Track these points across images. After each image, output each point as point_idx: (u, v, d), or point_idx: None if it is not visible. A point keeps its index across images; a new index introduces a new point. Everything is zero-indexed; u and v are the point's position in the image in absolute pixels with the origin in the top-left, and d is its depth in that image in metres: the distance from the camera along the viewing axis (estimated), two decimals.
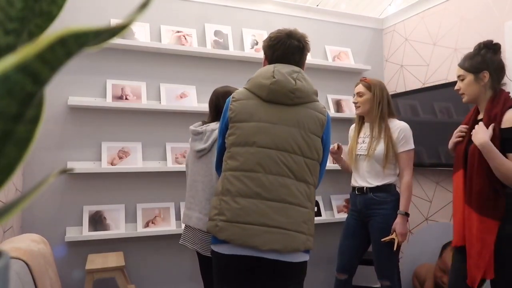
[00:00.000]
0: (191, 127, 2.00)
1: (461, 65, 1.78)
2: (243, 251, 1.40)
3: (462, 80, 1.77)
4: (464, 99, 1.80)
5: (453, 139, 1.84)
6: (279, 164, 1.42)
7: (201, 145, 1.91)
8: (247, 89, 1.53)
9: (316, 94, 1.56)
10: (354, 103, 2.38)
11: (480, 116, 1.76)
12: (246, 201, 1.40)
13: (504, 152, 1.59)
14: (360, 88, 2.34)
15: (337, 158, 2.50)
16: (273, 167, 1.41)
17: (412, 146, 2.24)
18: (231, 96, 1.55)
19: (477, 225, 1.63)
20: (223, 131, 1.55)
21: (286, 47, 1.55)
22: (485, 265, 1.60)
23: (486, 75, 1.70)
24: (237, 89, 1.89)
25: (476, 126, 1.68)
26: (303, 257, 1.46)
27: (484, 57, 1.71)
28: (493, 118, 1.63)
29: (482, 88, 1.72)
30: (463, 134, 1.79)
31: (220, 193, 1.46)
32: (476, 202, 1.64)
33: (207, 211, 1.81)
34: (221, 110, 1.93)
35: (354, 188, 2.36)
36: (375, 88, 2.29)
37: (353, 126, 2.48)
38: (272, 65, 1.52)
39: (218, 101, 1.98)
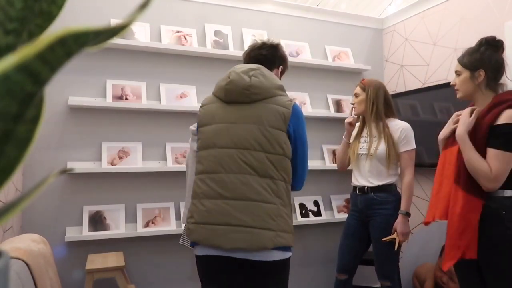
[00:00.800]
0: (191, 127, 2.00)
1: (459, 60, 1.76)
2: (211, 251, 1.42)
3: (459, 75, 1.76)
4: (458, 95, 1.79)
5: (450, 125, 1.80)
6: (239, 162, 1.42)
7: None
8: (212, 93, 1.60)
9: (281, 89, 1.54)
10: (352, 104, 2.42)
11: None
12: (210, 203, 1.42)
13: (487, 146, 1.60)
14: (357, 89, 2.39)
15: (349, 130, 2.45)
16: (234, 166, 1.42)
17: (413, 146, 2.25)
18: (201, 103, 1.62)
19: (462, 203, 1.62)
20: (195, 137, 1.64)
21: (253, 48, 1.66)
22: (466, 244, 1.60)
23: (481, 73, 1.68)
24: None
25: (461, 116, 1.71)
26: (278, 255, 1.41)
27: (483, 55, 1.69)
28: (490, 115, 1.62)
29: (477, 87, 1.70)
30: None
31: (192, 197, 1.53)
32: (464, 179, 1.65)
33: None
34: None
35: (355, 187, 2.37)
36: (368, 89, 2.31)
37: (357, 125, 2.49)
38: (236, 66, 1.57)
39: None
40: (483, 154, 1.61)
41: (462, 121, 1.69)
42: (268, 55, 1.65)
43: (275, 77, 1.57)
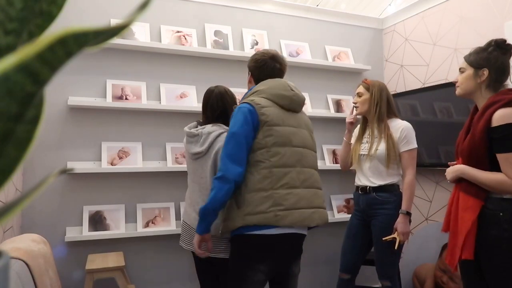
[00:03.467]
0: (186, 129, 2.01)
1: (465, 58, 1.76)
2: (290, 230, 1.66)
3: (462, 72, 1.75)
4: (457, 91, 1.78)
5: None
6: (309, 159, 1.77)
7: (197, 148, 1.92)
8: (265, 98, 1.75)
9: None
10: (354, 103, 2.41)
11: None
12: (296, 191, 1.68)
13: (492, 152, 1.59)
14: (360, 88, 2.38)
15: (349, 129, 2.50)
16: (305, 162, 1.75)
17: (414, 145, 2.24)
18: (254, 104, 1.71)
19: (461, 204, 1.65)
20: (248, 133, 1.68)
21: (271, 69, 1.85)
22: (462, 243, 1.61)
23: (485, 72, 1.67)
24: (227, 88, 2.06)
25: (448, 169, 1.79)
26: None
27: (490, 55, 1.68)
28: (484, 117, 1.62)
29: (478, 85, 1.70)
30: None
31: (269, 188, 1.64)
32: (464, 182, 1.67)
33: None
34: (216, 110, 1.95)
35: (357, 187, 2.37)
36: (373, 89, 2.31)
37: (358, 126, 2.49)
38: (280, 79, 1.84)
39: (213, 101, 1.99)
40: (483, 157, 1.60)
41: (449, 169, 1.78)
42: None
43: None
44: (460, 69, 1.78)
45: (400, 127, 2.25)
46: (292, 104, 1.79)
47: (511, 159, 1.55)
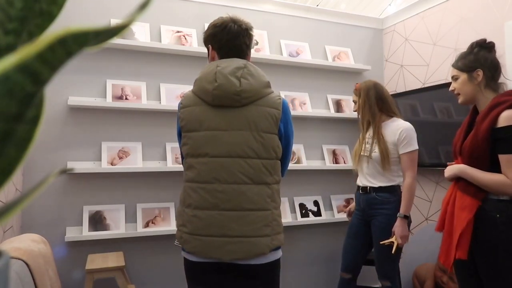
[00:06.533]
0: None
1: (454, 65, 1.76)
2: (207, 259, 1.39)
3: (456, 79, 1.75)
4: (460, 100, 1.77)
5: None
6: (234, 172, 1.37)
7: None
8: (193, 92, 1.47)
9: (268, 86, 1.47)
10: (354, 111, 2.48)
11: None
12: (205, 214, 1.37)
13: (494, 152, 1.58)
14: (354, 97, 2.42)
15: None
16: (228, 176, 1.37)
17: (415, 147, 2.21)
18: (179, 102, 1.49)
19: (458, 204, 1.64)
20: (179, 140, 1.53)
21: (232, 31, 1.47)
22: (457, 242, 1.61)
23: (479, 73, 1.67)
24: None
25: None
26: (272, 257, 1.42)
27: (477, 56, 1.69)
28: (489, 117, 1.61)
29: (477, 87, 1.69)
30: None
31: (182, 204, 1.46)
32: (462, 181, 1.67)
33: None
34: None
35: (358, 187, 2.38)
36: (360, 92, 2.33)
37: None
38: (214, 64, 1.44)
39: None
40: (485, 157, 1.60)
41: (448, 168, 1.76)
42: (249, 43, 1.51)
43: (260, 72, 1.47)
44: (452, 77, 1.77)
45: (399, 128, 2.22)
46: (217, 100, 1.39)
47: None
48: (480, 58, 1.68)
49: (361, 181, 2.35)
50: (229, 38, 1.47)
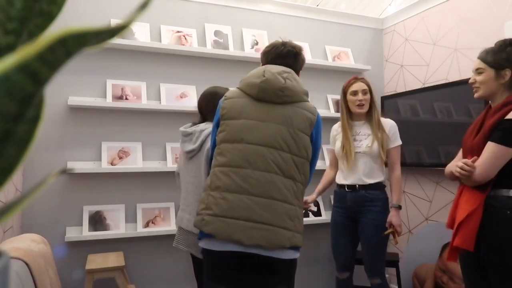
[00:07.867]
0: (181, 128, 2.00)
1: (482, 58, 1.69)
2: (228, 246, 1.40)
3: (480, 73, 1.68)
4: (477, 94, 1.71)
5: (454, 172, 1.67)
6: (266, 160, 1.43)
7: (190, 146, 1.91)
8: (239, 88, 1.57)
9: (307, 95, 1.59)
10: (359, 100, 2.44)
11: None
12: (233, 196, 1.41)
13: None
14: (357, 86, 2.41)
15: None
16: (261, 163, 1.43)
17: (400, 141, 2.33)
18: (224, 97, 1.59)
19: (465, 197, 1.63)
20: (215, 129, 1.59)
21: (279, 51, 1.63)
22: (462, 233, 1.60)
23: (508, 73, 1.62)
24: (226, 88, 1.95)
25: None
26: (291, 255, 1.44)
27: (509, 55, 1.63)
28: (499, 114, 1.59)
29: (500, 86, 1.65)
30: (465, 173, 1.62)
31: (208, 188, 1.49)
32: None
33: None
34: (205, 111, 1.97)
35: (342, 185, 2.34)
36: (369, 87, 2.35)
37: (336, 125, 2.51)
38: (264, 66, 1.58)
39: (203, 102, 1.99)
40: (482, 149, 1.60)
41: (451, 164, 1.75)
42: (293, 64, 1.67)
43: (301, 82, 1.61)
44: (477, 69, 1.70)
45: (388, 124, 2.32)
46: (261, 93, 1.49)
47: (493, 149, 1.54)
48: (511, 58, 1.63)
49: (348, 179, 2.30)
50: (276, 55, 1.65)
